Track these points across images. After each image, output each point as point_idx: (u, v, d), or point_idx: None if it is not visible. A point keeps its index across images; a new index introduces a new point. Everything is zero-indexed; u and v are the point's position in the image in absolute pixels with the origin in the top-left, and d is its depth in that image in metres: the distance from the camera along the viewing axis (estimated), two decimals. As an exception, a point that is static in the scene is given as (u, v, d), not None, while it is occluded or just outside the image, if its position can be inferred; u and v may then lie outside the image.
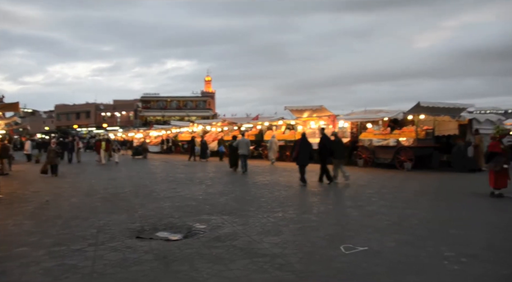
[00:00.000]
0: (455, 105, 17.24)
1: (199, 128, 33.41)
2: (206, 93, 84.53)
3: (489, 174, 10.25)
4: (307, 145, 12.87)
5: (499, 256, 5.24)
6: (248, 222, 7.34)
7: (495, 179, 9.99)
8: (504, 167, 9.95)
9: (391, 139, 17.85)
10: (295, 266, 4.90)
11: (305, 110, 22.40)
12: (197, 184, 13.03)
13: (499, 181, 9.99)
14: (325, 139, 13.34)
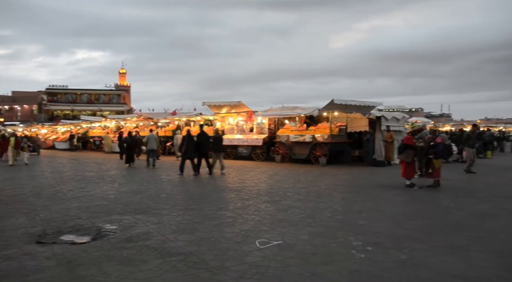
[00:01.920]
0: (365, 103, 18.35)
1: (112, 123, 31.85)
2: (120, 86, 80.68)
3: (401, 165, 11.23)
4: (192, 141, 14.46)
5: (400, 243, 5.63)
6: (163, 221, 7.10)
7: (405, 169, 11.01)
8: (414, 160, 11.06)
9: (307, 135, 18.49)
10: (210, 263, 4.82)
11: (223, 106, 22.39)
12: (108, 183, 12.37)
13: (408, 171, 11.03)
14: (203, 135, 14.87)
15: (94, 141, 32.79)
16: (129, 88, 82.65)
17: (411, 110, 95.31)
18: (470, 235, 6.09)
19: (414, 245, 5.55)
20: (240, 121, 21.80)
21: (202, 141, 14.64)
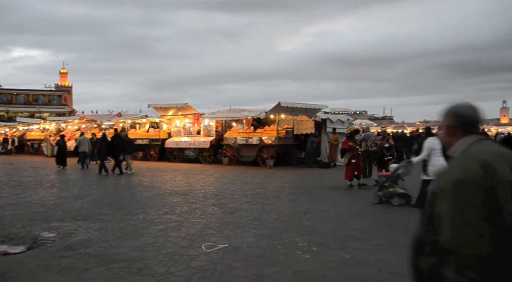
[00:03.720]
0: (311, 106, 18.80)
1: (52, 126, 30.31)
2: (61, 87, 76.83)
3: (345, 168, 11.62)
4: (106, 143, 15.50)
5: (344, 243, 5.81)
6: (106, 227, 6.85)
7: (346, 172, 11.37)
8: (352, 162, 11.31)
9: (254, 137, 18.59)
10: (154, 269, 4.71)
11: (170, 108, 22.02)
12: (47, 188, 11.74)
13: (347, 173, 11.40)
14: (116, 138, 15.77)
15: (32, 144, 30.96)
16: (71, 89, 78.91)
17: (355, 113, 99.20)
18: (408, 232, 6.39)
19: (357, 244, 5.74)
20: (187, 124, 21.54)
21: (115, 143, 15.42)
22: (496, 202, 1.61)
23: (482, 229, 1.58)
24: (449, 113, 1.96)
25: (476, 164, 1.69)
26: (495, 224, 1.59)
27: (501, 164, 1.69)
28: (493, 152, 1.78)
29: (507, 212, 1.60)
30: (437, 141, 8.09)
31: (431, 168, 8.01)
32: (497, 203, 1.61)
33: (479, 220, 1.59)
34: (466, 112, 1.91)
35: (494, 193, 1.61)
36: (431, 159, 8.08)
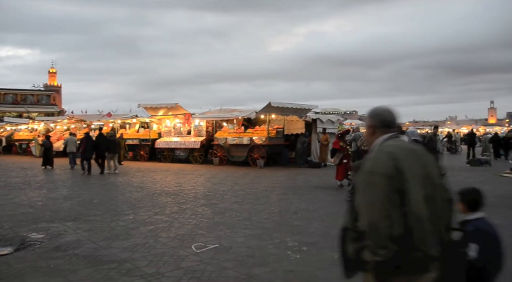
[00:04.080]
0: (301, 106, 18.85)
1: (41, 126, 30.00)
2: (50, 87, 75.99)
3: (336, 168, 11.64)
4: (91, 142, 15.65)
5: (334, 242, 5.81)
6: (95, 227, 6.80)
7: (337, 172, 11.41)
8: (344, 162, 11.38)
9: (245, 137, 18.60)
10: (144, 269, 4.69)
11: (160, 108, 21.93)
12: (36, 189, 11.61)
13: (338, 173, 11.45)
14: (100, 137, 16.02)
15: (20, 144, 30.60)
16: (60, 88, 78.06)
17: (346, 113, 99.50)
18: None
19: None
20: (177, 124, 21.46)
21: (100, 143, 15.69)
22: (401, 187, 1.88)
23: (390, 211, 1.84)
24: (370, 115, 2.28)
25: (385, 156, 1.97)
26: (401, 208, 1.85)
27: (407, 156, 1.98)
28: (402, 146, 2.07)
29: (411, 197, 1.87)
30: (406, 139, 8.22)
31: None
32: (402, 188, 1.88)
33: (387, 204, 1.85)
34: (384, 114, 2.24)
35: (400, 181, 1.89)
36: None
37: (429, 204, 1.92)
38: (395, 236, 1.83)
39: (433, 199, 1.95)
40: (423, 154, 2.08)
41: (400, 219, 1.85)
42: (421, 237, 1.87)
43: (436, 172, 2.06)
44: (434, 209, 1.94)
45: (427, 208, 1.91)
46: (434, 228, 1.93)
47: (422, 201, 1.90)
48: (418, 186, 1.91)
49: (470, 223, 2.82)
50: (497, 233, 2.86)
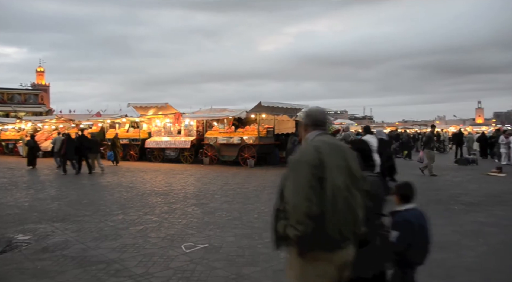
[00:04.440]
0: (292, 106, 18.86)
1: (28, 125, 29.62)
2: (38, 86, 75.10)
3: None
4: (72, 143, 15.71)
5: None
6: (83, 228, 6.74)
7: None
8: None
9: (235, 137, 18.56)
10: (133, 270, 4.65)
11: (150, 108, 21.81)
12: (23, 189, 11.46)
13: None
14: (82, 138, 16.17)
15: (6, 144, 30.19)
16: (48, 87, 77.21)
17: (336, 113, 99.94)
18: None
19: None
20: (167, 124, 21.35)
21: (82, 143, 15.71)
22: (322, 175, 2.26)
23: (310, 195, 2.21)
24: (305, 115, 2.66)
25: (311, 148, 2.37)
26: (319, 191, 2.24)
27: (330, 150, 2.37)
28: (326, 142, 2.45)
29: (329, 184, 2.26)
30: (373, 139, 8.94)
31: None
32: (323, 176, 2.26)
33: (308, 188, 2.22)
34: (315, 114, 2.61)
35: (321, 169, 2.27)
36: None
37: (346, 192, 2.31)
38: (313, 215, 2.20)
39: (349, 187, 2.34)
40: (345, 149, 2.51)
41: (318, 201, 2.23)
42: (336, 218, 2.26)
43: (355, 165, 2.46)
44: (350, 196, 2.33)
45: (343, 194, 2.29)
46: (350, 212, 2.32)
47: (339, 188, 2.29)
48: (336, 175, 2.30)
49: (399, 213, 3.18)
50: (424, 224, 3.18)
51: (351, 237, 2.35)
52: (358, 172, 2.46)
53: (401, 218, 3.12)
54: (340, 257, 2.33)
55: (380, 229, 2.90)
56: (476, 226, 6.80)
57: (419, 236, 3.10)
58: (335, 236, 2.27)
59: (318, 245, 2.27)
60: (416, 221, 3.14)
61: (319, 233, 2.22)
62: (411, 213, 3.17)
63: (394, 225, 3.11)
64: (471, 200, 9.18)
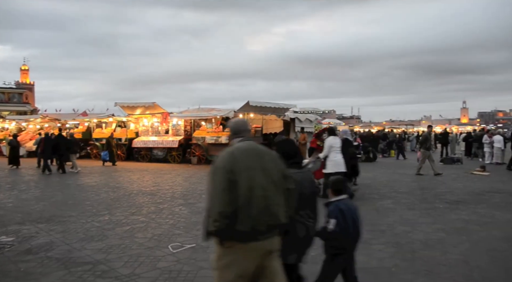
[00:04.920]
0: (280, 105, 18.90)
1: (12, 125, 29.19)
2: (22, 84, 73.93)
3: None
4: (50, 143, 15.74)
5: (310, 240, 5.87)
6: (69, 229, 6.67)
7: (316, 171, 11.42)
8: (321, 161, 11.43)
9: (223, 137, 18.52)
10: (119, 271, 4.62)
11: (137, 107, 21.66)
12: (6, 190, 11.28)
13: (316, 172, 11.40)
14: (59, 138, 16.29)
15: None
16: (32, 86, 76.07)
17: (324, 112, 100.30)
18: (373, 229, 6.55)
19: (320, 241, 5.81)
20: (155, 123, 21.23)
21: (59, 143, 15.83)
22: (235, 179, 2.62)
23: (224, 197, 2.59)
24: (229, 125, 3.15)
25: (227, 155, 2.74)
26: (233, 193, 2.60)
27: (244, 154, 2.75)
28: (242, 147, 2.82)
29: (241, 186, 2.62)
30: (336, 140, 9.44)
31: (330, 163, 9.20)
32: (235, 179, 2.63)
33: (222, 190, 2.60)
34: (235, 125, 3.08)
35: (234, 173, 2.63)
36: (330, 155, 9.21)
37: (261, 191, 2.68)
38: (226, 214, 2.59)
39: (264, 187, 2.70)
40: (262, 153, 2.85)
41: (232, 201, 2.60)
42: (249, 215, 2.62)
43: (273, 166, 2.82)
44: (265, 195, 2.69)
45: (257, 193, 2.66)
46: (265, 209, 2.68)
47: (252, 188, 2.65)
48: (249, 177, 2.66)
49: (333, 203, 3.63)
50: (354, 211, 3.62)
51: (268, 230, 2.71)
52: (277, 172, 2.82)
53: (335, 207, 3.58)
54: (256, 247, 2.70)
55: (304, 219, 3.30)
56: (460, 223, 6.90)
57: (349, 223, 3.52)
58: (248, 230, 2.63)
59: (233, 237, 2.66)
60: (347, 209, 3.57)
61: (233, 227, 2.62)
62: (342, 202, 3.62)
63: (329, 213, 3.59)
64: (455, 198, 9.32)
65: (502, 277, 4.45)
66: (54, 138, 16.24)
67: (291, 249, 3.21)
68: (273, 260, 2.86)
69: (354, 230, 3.56)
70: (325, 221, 3.52)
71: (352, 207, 3.66)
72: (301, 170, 3.49)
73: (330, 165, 9.24)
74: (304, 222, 3.29)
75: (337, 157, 9.15)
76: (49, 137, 16.48)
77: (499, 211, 7.91)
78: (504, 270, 4.67)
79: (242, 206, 2.63)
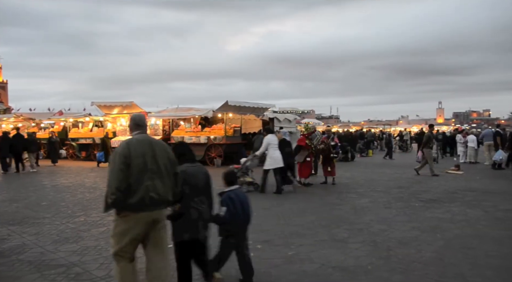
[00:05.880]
0: (259, 105, 18.92)
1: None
2: (-5, 83, 72.15)
3: (297, 165, 11.61)
4: (7, 142, 15.78)
5: (288, 239, 5.91)
6: (42, 231, 6.52)
7: (300, 169, 11.44)
8: (307, 160, 11.50)
9: (202, 136, 18.44)
10: (94, 273, 4.54)
11: (114, 107, 21.36)
12: (-22, 191, 10.96)
13: (303, 171, 11.46)
14: (17, 137, 16.29)
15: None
16: (5, 85, 74.30)
17: (303, 112, 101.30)
18: (350, 228, 6.62)
19: (300, 240, 5.86)
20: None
21: (17, 142, 15.90)
22: (129, 162, 3.36)
23: (119, 175, 3.31)
24: (130, 119, 3.74)
25: (125, 144, 3.47)
26: (126, 172, 3.33)
27: (137, 144, 3.48)
28: (137, 139, 3.55)
29: (134, 166, 3.36)
30: (274, 137, 10.23)
31: (269, 160, 9.98)
32: (129, 163, 3.36)
33: (119, 171, 3.31)
34: (135, 119, 3.71)
35: (129, 158, 3.37)
36: (269, 152, 10.00)
37: (149, 173, 3.41)
38: (121, 189, 3.29)
39: (153, 169, 3.44)
40: (154, 143, 3.58)
41: (126, 179, 3.32)
42: (138, 190, 3.35)
43: (162, 154, 3.54)
44: (152, 175, 3.42)
45: (147, 175, 3.40)
46: (152, 186, 3.40)
47: (142, 170, 3.38)
48: (140, 161, 3.39)
49: (225, 193, 4.25)
50: (243, 199, 4.30)
51: (155, 203, 3.43)
52: (165, 159, 3.55)
53: (226, 196, 4.20)
54: (145, 216, 3.43)
55: (197, 205, 3.89)
56: (434, 222, 7.04)
57: (238, 210, 4.17)
58: (138, 202, 3.35)
59: (126, 208, 3.36)
60: (237, 197, 4.22)
61: (126, 200, 3.33)
62: (233, 192, 4.27)
63: (221, 202, 4.18)
64: (430, 197, 9.51)
65: (474, 273, 4.56)
66: (11, 138, 16.12)
67: (186, 229, 3.88)
68: (159, 228, 3.62)
69: (243, 215, 4.23)
70: (219, 208, 4.16)
71: (242, 195, 4.33)
72: (194, 164, 4.13)
73: (270, 161, 9.99)
74: (197, 207, 3.89)
75: (275, 154, 9.97)
76: (7, 136, 16.38)
77: (472, 209, 8.11)
78: (475, 266, 4.78)
79: (134, 183, 3.34)
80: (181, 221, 3.82)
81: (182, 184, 3.73)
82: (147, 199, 3.37)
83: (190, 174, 3.90)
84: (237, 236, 4.25)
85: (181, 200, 3.74)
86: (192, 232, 3.90)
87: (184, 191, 3.75)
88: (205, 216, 3.96)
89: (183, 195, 3.74)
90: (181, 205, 3.76)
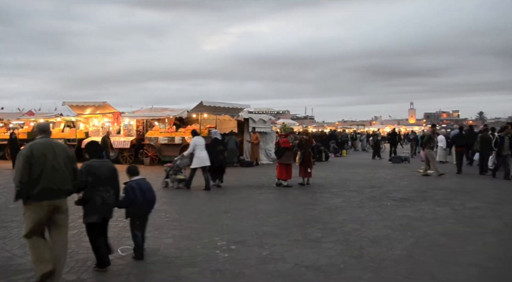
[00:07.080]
0: (234, 106, 18.90)
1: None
2: (-38, 83, 69.45)
3: (277, 167, 11.57)
4: None
5: (262, 240, 5.93)
6: (11, 234, 6.34)
7: (280, 171, 11.41)
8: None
9: (177, 137, 18.27)
10: (64, 276, 4.44)
11: (87, 107, 20.89)
12: None
13: (286, 173, 11.38)
14: None
15: None
16: (-28, 84, 71.46)
17: (278, 113, 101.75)
18: (323, 227, 6.71)
19: (274, 240, 5.89)
20: (106, 123, 20.58)
21: None
22: (31, 162, 4.04)
23: (23, 171, 4.01)
24: (35, 126, 4.58)
25: (28, 146, 4.16)
26: (29, 170, 4.02)
27: (39, 146, 4.16)
28: (39, 142, 4.21)
29: (33, 166, 4.05)
30: (201, 139, 11.18)
31: (196, 160, 10.81)
32: (31, 162, 4.04)
33: (22, 168, 4.02)
34: (39, 126, 4.46)
35: (31, 157, 4.05)
36: (196, 152, 10.80)
37: (50, 170, 4.10)
38: (24, 182, 4.00)
39: (54, 166, 4.13)
40: (54, 145, 4.28)
41: (28, 174, 4.02)
42: (40, 183, 4.04)
43: (62, 153, 4.26)
44: (53, 171, 4.12)
45: (47, 171, 4.08)
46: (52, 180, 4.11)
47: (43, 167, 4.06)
48: (41, 160, 4.07)
49: (128, 183, 5.16)
50: (145, 187, 5.23)
51: (55, 193, 4.15)
52: (64, 157, 4.26)
53: (128, 185, 5.10)
54: (47, 204, 4.11)
55: (102, 193, 4.64)
56: (405, 220, 7.21)
57: (138, 196, 5.04)
58: (40, 192, 4.04)
59: (30, 198, 4.04)
60: (137, 186, 5.11)
61: (30, 191, 4.02)
62: (134, 182, 5.17)
63: (123, 190, 5.04)
64: (402, 196, 9.73)
65: (442, 270, 4.70)
66: None
67: (92, 212, 4.60)
68: (61, 214, 4.29)
69: (143, 200, 5.07)
70: (122, 195, 4.98)
71: (144, 184, 5.24)
72: (101, 160, 4.90)
73: (197, 160, 10.77)
74: (101, 195, 4.62)
75: (201, 154, 10.77)
76: None
77: (441, 207, 8.35)
78: (443, 263, 4.93)
79: (36, 178, 4.03)
80: (88, 206, 4.60)
81: (87, 174, 4.56)
82: (48, 190, 4.08)
83: (94, 167, 4.67)
84: (140, 218, 5.11)
85: (85, 189, 4.57)
86: (99, 215, 4.63)
87: (88, 181, 4.55)
88: (109, 202, 4.69)
89: (87, 184, 4.55)
90: (85, 192, 4.58)
